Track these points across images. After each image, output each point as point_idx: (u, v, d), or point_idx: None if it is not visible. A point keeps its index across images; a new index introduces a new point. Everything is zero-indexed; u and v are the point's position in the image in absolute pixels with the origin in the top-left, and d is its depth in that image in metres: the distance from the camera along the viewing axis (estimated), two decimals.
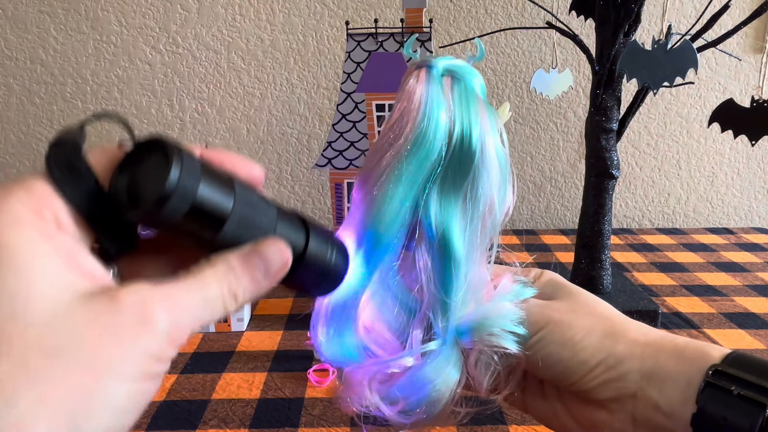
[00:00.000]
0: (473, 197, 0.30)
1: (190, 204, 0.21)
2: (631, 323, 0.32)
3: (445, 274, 0.30)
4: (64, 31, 1.13)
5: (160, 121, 1.17)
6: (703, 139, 1.21)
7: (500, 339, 0.30)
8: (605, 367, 0.30)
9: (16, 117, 1.17)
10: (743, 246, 1.06)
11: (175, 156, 0.21)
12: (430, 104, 0.29)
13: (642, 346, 0.30)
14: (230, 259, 0.23)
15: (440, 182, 0.30)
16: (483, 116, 0.30)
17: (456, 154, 0.30)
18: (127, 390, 0.20)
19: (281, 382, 0.61)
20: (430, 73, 0.30)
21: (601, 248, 0.76)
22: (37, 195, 0.20)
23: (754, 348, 0.68)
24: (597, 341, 0.30)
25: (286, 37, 1.14)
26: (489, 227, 0.31)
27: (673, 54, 0.61)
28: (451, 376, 0.31)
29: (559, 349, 0.30)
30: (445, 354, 0.31)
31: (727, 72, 1.17)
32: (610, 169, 0.73)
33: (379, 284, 0.31)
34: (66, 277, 0.19)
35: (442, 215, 0.30)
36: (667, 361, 0.29)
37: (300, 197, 1.22)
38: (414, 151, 0.29)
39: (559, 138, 1.20)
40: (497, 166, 0.31)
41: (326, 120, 1.17)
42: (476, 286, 0.32)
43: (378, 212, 0.30)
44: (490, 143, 0.30)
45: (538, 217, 1.25)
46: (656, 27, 1.11)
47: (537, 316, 0.31)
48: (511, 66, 1.17)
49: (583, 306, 0.32)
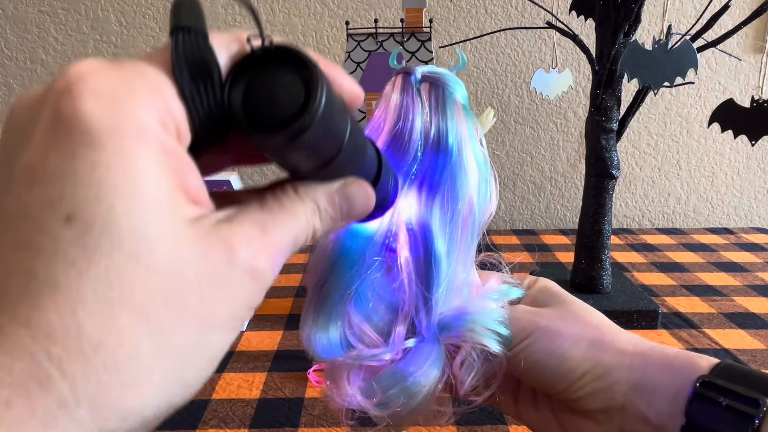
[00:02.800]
0: (452, 196, 0.31)
1: (322, 134, 0.19)
2: (621, 333, 0.31)
3: (425, 269, 0.30)
4: (64, 31, 1.13)
5: None
6: (703, 139, 1.21)
7: (481, 336, 0.30)
8: (593, 376, 0.29)
9: None
10: (743, 246, 1.06)
11: (322, 79, 0.18)
12: (405, 107, 0.30)
13: (630, 356, 0.29)
14: (318, 196, 0.22)
15: (419, 182, 0.31)
16: (460, 119, 0.31)
17: (432, 155, 0.30)
18: (226, 340, 0.19)
19: (281, 382, 0.61)
20: (407, 79, 0.31)
21: (601, 248, 0.76)
22: (163, 99, 0.17)
23: (754, 348, 0.68)
24: (584, 350, 0.30)
25: (286, 37, 1.14)
26: (470, 226, 0.32)
27: (673, 54, 0.61)
28: (430, 371, 0.31)
29: (546, 357, 0.30)
30: (425, 350, 0.31)
31: (727, 72, 1.17)
32: (610, 169, 0.73)
33: (361, 281, 0.31)
34: (180, 206, 0.17)
35: (422, 213, 0.30)
36: (656, 372, 0.28)
37: None
38: (390, 151, 0.30)
39: (559, 138, 1.20)
40: (475, 166, 0.31)
41: None
42: (459, 284, 0.32)
43: None
44: (468, 145, 0.31)
45: (538, 217, 1.25)
46: (656, 27, 1.11)
47: (525, 322, 0.31)
48: (511, 66, 1.17)
49: (573, 314, 0.32)
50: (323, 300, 0.31)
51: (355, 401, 0.31)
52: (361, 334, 0.31)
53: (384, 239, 0.31)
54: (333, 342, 0.31)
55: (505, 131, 1.19)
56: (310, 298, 0.32)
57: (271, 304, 0.80)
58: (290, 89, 0.18)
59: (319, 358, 0.31)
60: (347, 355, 0.31)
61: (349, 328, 0.31)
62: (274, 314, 0.77)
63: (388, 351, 0.31)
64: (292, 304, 0.81)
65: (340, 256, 0.31)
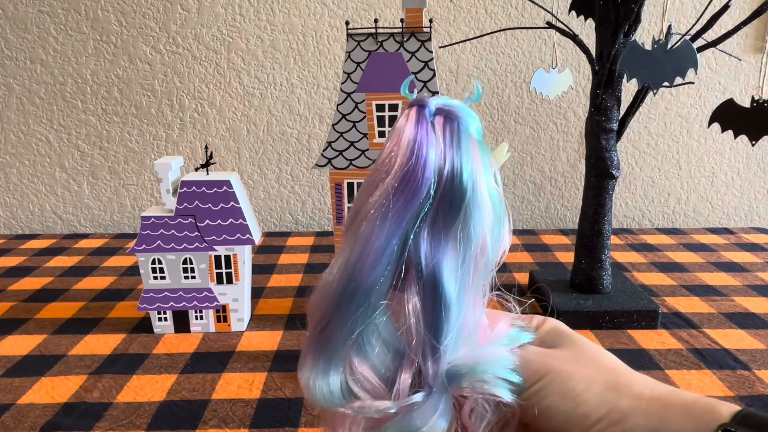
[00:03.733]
0: (465, 237, 0.29)
1: None
2: (636, 376, 0.30)
3: (435, 316, 0.29)
4: (64, 31, 1.13)
5: (160, 121, 1.17)
6: (703, 139, 1.21)
7: (493, 386, 0.29)
8: (608, 422, 0.28)
9: (16, 117, 1.17)
10: (743, 246, 1.06)
11: None
12: (419, 142, 0.29)
13: (648, 401, 0.28)
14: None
15: (430, 222, 0.29)
16: (475, 155, 0.30)
17: (446, 193, 0.29)
18: None
19: (281, 382, 0.61)
20: (421, 112, 0.30)
21: (601, 248, 0.76)
22: None
23: (754, 348, 0.68)
24: (600, 393, 0.29)
25: (286, 37, 1.14)
26: (482, 269, 0.30)
27: (673, 54, 0.61)
28: (438, 425, 0.29)
29: (559, 401, 0.29)
30: (433, 401, 0.29)
31: (727, 72, 1.17)
32: (610, 169, 0.73)
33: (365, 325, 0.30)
34: None
35: (432, 254, 0.29)
36: (674, 419, 0.27)
37: (300, 197, 1.22)
38: (401, 188, 0.29)
39: (559, 138, 1.20)
40: (489, 205, 0.30)
41: (326, 120, 1.17)
42: (469, 330, 0.30)
43: (364, 249, 0.29)
44: (482, 182, 0.29)
45: (538, 217, 1.25)
46: (656, 27, 1.11)
47: (537, 364, 0.30)
48: (511, 66, 1.17)
49: (586, 356, 0.31)
50: (325, 343, 0.30)
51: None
52: (364, 381, 0.30)
53: (392, 281, 0.29)
54: (334, 389, 0.30)
55: (505, 131, 1.19)
56: (311, 339, 0.31)
57: (271, 304, 0.80)
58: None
59: (319, 405, 0.30)
60: (349, 405, 0.30)
61: (351, 374, 0.30)
62: (274, 314, 0.77)
63: (395, 406, 0.29)
64: (292, 304, 0.81)
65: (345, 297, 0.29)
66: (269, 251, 1.04)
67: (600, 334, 0.71)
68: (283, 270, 0.95)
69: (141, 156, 1.19)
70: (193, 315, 0.71)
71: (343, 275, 0.30)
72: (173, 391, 0.59)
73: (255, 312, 0.78)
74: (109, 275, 0.92)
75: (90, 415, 0.55)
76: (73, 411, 0.56)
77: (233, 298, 0.71)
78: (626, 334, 0.71)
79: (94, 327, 0.74)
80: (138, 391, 0.59)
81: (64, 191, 1.21)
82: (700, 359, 0.65)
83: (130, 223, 1.23)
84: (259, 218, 1.23)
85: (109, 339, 0.70)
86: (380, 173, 0.30)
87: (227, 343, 0.69)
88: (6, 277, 0.92)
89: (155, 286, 0.70)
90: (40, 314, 0.78)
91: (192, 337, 0.71)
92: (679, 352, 0.67)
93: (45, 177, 1.20)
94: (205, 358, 0.66)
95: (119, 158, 1.19)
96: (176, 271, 0.70)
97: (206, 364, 0.65)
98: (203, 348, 0.68)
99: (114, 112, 1.17)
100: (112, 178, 1.20)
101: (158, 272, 0.70)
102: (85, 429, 0.53)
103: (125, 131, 1.18)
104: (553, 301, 0.75)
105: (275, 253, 1.03)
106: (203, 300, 0.71)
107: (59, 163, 1.19)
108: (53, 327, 0.74)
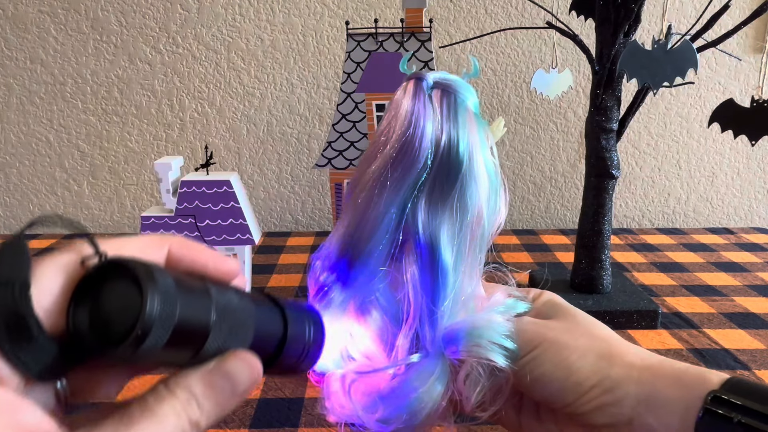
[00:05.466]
0: (461, 207, 0.30)
1: (169, 334, 0.19)
2: (629, 347, 0.31)
3: (432, 282, 0.30)
4: (64, 31, 1.13)
5: (160, 121, 1.17)
6: (703, 139, 1.21)
7: (487, 351, 0.30)
8: (601, 390, 0.29)
9: (16, 117, 1.17)
10: (743, 246, 1.06)
11: (149, 284, 0.18)
12: (416, 114, 0.29)
13: (639, 369, 0.29)
14: (192, 384, 0.21)
15: (428, 191, 0.30)
16: (472, 128, 0.30)
17: (443, 163, 0.29)
18: None
19: (281, 382, 0.61)
20: (419, 85, 0.30)
21: (601, 248, 0.76)
22: None
23: (754, 348, 0.68)
24: (593, 363, 0.29)
25: (286, 37, 1.14)
26: (478, 238, 0.31)
27: (673, 54, 0.61)
28: (434, 387, 0.30)
29: (553, 369, 0.29)
30: (429, 365, 0.30)
31: (727, 72, 1.17)
32: (610, 169, 0.73)
33: (365, 292, 0.30)
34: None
35: (430, 224, 0.30)
36: (665, 387, 0.28)
37: (300, 197, 1.22)
38: (400, 158, 0.29)
39: (559, 138, 1.20)
40: (486, 177, 0.30)
41: (326, 120, 1.17)
42: (465, 297, 0.31)
43: (364, 217, 0.29)
44: (479, 154, 0.30)
45: (538, 217, 1.25)
46: (656, 27, 1.11)
47: (531, 334, 0.30)
48: (511, 66, 1.17)
49: (581, 327, 0.31)
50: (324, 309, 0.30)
51: (356, 416, 0.31)
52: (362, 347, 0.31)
53: (390, 249, 0.30)
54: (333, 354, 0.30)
55: (505, 131, 1.19)
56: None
57: None
58: (127, 300, 0.18)
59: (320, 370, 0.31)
60: (349, 368, 0.30)
61: (350, 340, 0.31)
62: None
63: (391, 366, 0.30)
64: None
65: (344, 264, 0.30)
66: (269, 251, 1.04)
67: None
68: (283, 270, 0.94)
69: (141, 156, 1.19)
70: None
71: (343, 242, 0.30)
72: None
73: None
74: None
75: None
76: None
77: None
78: (626, 334, 0.71)
79: None
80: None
81: (64, 191, 1.21)
82: (700, 359, 0.65)
83: (130, 223, 1.23)
84: (259, 218, 1.23)
85: None
86: (378, 144, 0.30)
87: None
88: None
89: None
90: None
91: None
92: (679, 352, 0.67)
93: (45, 177, 1.20)
94: None
95: (119, 158, 1.19)
96: None
97: None
98: None
99: (114, 112, 1.17)
100: (112, 178, 1.20)
101: None
102: None
103: (125, 131, 1.18)
104: None
105: (275, 253, 1.03)
106: None
107: (59, 163, 1.19)
108: None
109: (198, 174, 0.70)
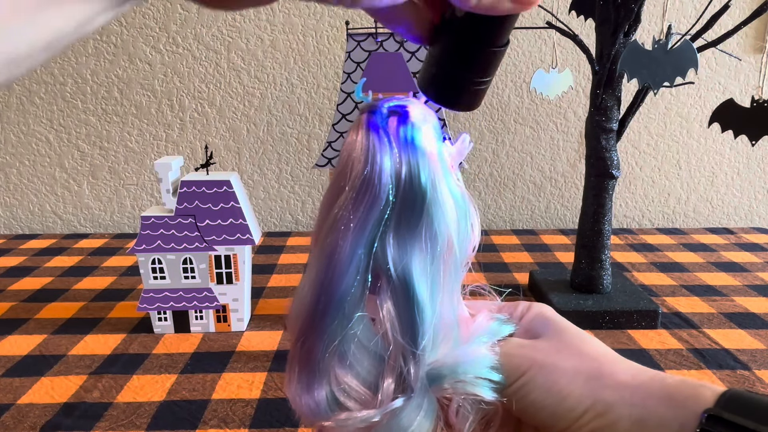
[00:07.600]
0: (430, 237, 0.29)
1: None
2: (619, 363, 0.30)
3: (409, 319, 0.29)
4: None
5: (160, 121, 1.17)
6: (703, 139, 1.21)
7: (474, 386, 0.29)
8: (593, 414, 0.28)
9: (16, 117, 1.17)
10: (743, 246, 1.06)
11: None
12: (372, 150, 0.29)
13: (631, 390, 0.28)
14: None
15: (394, 226, 0.29)
16: (432, 154, 0.29)
17: (406, 196, 0.29)
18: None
19: (281, 382, 0.61)
20: (371, 118, 0.29)
21: (601, 248, 0.76)
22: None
23: (754, 348, 0.68)
24: (582, 385, 0.29)
25: (286, 37, 1.14)
26: (452, 266, 0.30)
27: (673, 54, 0.61)
28: (423, 425, 0.29)
29: (543, 395, 0.29)
30: (416, 403, 0.30)
31: (727, 72, 1.17)
32: (610, 169, 0.73)
33: (343, 336, 0.30)
34: None
35: (400, 258, 0.29)
36: (658, 407, 0.27)
37: (300, 197, 1.22)
38: (360, 198, 0.28)
39: (559, 138, 1.20)
40: (452, 203, 0.30)
41: (326, 120, 1.17)
42: (447, 328, 0.30)
43: (330, 262, 0.29)
44: (441, 181, 0.29)
45: (538, 217, 1.25)
46: (656, 27, 1.11)
47: (519, 358, 0.30)
48: (511, 66, 1.17)
49: (569, 345, 0.31)
50: (306, 358, 0.30)
51: None
52: (349, 390, 0.30)
53: (363, 290, 0.29)
54: (320, 402, 0.30)
55: (505, 131, 1.19)
56: (293, 354, 0.31)
57: (271, 304, 0.80)
58: None
59: (307, 420, 0.30)
60: (336, 418, 0.30)
61: (336, 385, 0.30)
62: (274, 314, 0.77)
63: (378, 413, 0.29)
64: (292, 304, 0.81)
65: (318, 311, 0.29)
66: (269, 251, 1.04)
67: (600, 334, 0.71)
68: (283, 270, 0.94)
69: (141, 156, 1.19)
70: (193, 315, 0.71)
71: (314, 290, 0.30)
72: (173, 391, 0.59)
73: (255, 312, 0.78)
74: (109, 275, 0.92)
75: (90, 415, 0.55)
76: (73, 411, 0.56)
77: (233, 298, 0.71)
78: (626, 334, 0.71)
79: (94, 327, 0.74)
80: (138, 391, 0.59)
81: (64, 191, 1.21)
82: (700, 359, 0.65)
83: (130, 223, 1.23)
84: (259, 218, 1.23)
85: (109, 339, 0.70)
86: (338, 187, 0.29)
87: (227, 343, 0.69)
88: (6, 277, 0.92)
89: (155, 286, 0.70)
90: (40, 314, 0.78)
91: (192, 337, 0.71)
92: (679, 352, 0.67)
93: (45, 177, 1.20)
94: (205, 358, 0.66)
95: (119, 158, 1.19)
96: (176, 271, 0.70)
97: (206, 364, 0.65)
98: (203, 348, 0.68)
99: (114, 112, 1.17)
100: (112, 178, 1.20)
101: (158, 272, 0.70)
102: (85, 429, 0.53)
103: (125, 131, 1.18)
104: (553, 301, 0.75)
105: (275, 253, 1.03)
106: (203, 300, 0.71)
107: (59, 163, 1.19)
108: (53, 327, 0.74)
109: (198, 174, 0.70)
